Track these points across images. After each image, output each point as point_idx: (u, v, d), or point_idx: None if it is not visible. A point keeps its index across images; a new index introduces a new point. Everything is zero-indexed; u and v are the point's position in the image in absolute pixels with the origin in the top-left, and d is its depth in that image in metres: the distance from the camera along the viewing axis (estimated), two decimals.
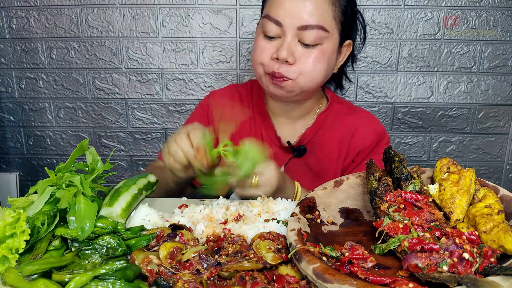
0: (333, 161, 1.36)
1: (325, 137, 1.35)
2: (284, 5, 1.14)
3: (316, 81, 1.20)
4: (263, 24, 1.19)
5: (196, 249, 0.85)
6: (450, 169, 0.92)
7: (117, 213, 0.96)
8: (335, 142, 1.36)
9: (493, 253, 0.72)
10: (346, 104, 1.43)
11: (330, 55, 1.20)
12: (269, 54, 1.18)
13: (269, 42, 1.18)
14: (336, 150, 1.36)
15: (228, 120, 1.42)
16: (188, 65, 1.93)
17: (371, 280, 0.69)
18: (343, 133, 1.36)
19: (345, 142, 1.36)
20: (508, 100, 1.95)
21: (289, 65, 1.16)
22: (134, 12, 1.87)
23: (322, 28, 1.14)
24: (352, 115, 1.39)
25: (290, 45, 1.15)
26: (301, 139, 1.35)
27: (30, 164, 2.11)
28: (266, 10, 1.20)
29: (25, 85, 1.98)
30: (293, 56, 1.15)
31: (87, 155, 1.03)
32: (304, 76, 1.17)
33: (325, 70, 1.21)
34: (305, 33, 1.14)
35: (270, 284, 0.77)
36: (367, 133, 1.35)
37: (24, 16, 1.89)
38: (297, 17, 1.13)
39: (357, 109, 1.44)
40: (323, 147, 1.35)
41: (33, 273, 0.76)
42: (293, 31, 1.14)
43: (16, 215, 0.84)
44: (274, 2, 1.17)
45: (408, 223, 0.81)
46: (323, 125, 1.36)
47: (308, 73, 1.17)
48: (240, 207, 1.08)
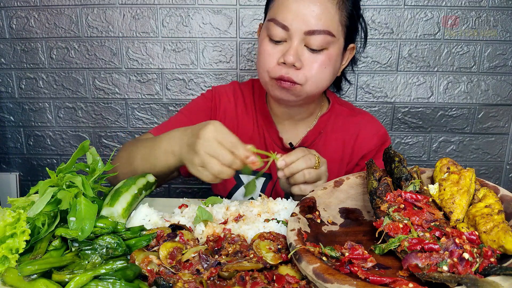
0: (336, 163, 1.35)
1: (327, 139, 1.35)
2: (291, 9, 1.12)
3: (322, 86, 1.20)
4: (268, 27, 1.17)
5: (196, 249, 0.85)
6: (450, 169, 0.92)
7: (118, 213, 0.96)
8: (338, 144, 1.36)
9: (493, 253, 0.72)
10: (348, 106, 1.43)
11: (335, 59, 1.19)
12: (275, 58, 1.16)
13: (275, 46, 1.17)
14: (339, 152, 1.36)
15: (232, 117, 1.41)
16: (188, 65, 1.93)
17: (371, 280, 0.69)
18: (346, 135, 1.36)
19: (348, 144, 1.36)
20: (508, 100, 1.95)
21: (296, 70, 1.14)
22: (134, 12, 1.87)
23: (329, 33, 1.13)
24: (354, 117, 1.38)
25: (297, 49, 1.13)
26: (303, 141, 1.34)
27: (30, 164, 2.11)
28: (271, 14, 1.18)
29: (25, 85, 1.98)
30: (300, 61, 1.14)
31: (88, 155, 1.03)
32: (311, 82, 1.16)
33: (331, 75, 1.20)
34: (312, 38, 1.12)
35: (270, 284, 0.77)
36: (370, 137, 1.35)
37: (24, 16, 1.89)
38: (305, 22, 1.11)
39: (359, 110, 1.44)
40: (325, 149, 1.34)
41: (33, 273, 0.76)
42: (300, 35, 1.13)
43: (16, 215, 0.84)
44: (281, 6, 1.15)
45: (408, 223, 0.81)
46: (325, 127, 1.35)
47: (314, 78, 1.16)
48: (240, 207, 1.08)
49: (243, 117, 1.41)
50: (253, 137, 1.39)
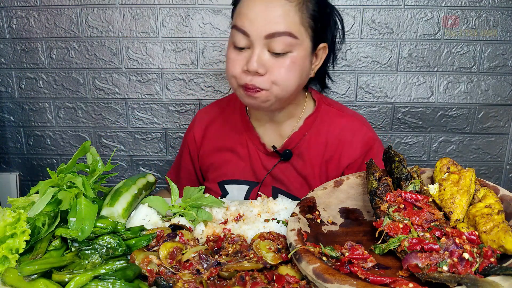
0: (317, 167, 1.33)
1: (312, 140, 1.33)
2: (250, 15, 1.11)
3: (290, 89, 1.17)
4: (232, 35, 1.17)
5: (196, 249, 0.85)
6: (450, 169, 0.92)
7: (118, 213, 0.96)
8: (321, 147, 1.33)
9: (493, 253, 0.72)
10: (336, 106, 1.39)
11: (301, 62, 1.17)
12: (240, 66, 1.15)
13: (239, 53, 1.16)
14: (321, 155, 1.33)
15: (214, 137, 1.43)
16: (188, 65, 1.93)
17: (371, 280, 0.69)
18: (329, 137, 1.32)
19: (330, 146, 1.32)
20: (508, 100, 1.95)
21: (260, 76, 1.13)
22: (134, 12, 1.87)
23: (290, 34, 1.11)
24: (341, 119, 1.34)
25: (260, 55, 1.12)
26: (287, 143, 1.33)
27: (30, 164, 2.11)
28: (233, 20, 1.18)
29: (25, 85, 1.98)
30: (264, 67, 1.12)
31: (88, 156, 1.03)
32: (277, 85, 1.15)
33: (298, 78, 1.18)
34: (273, 41, 1.11)
35: (270, 284, 0.77)
36: (355, 144, 1.31)
37: (24, 16, 1.89)
38: (264, 26, 1.10)
39: (347, 111, 1.39)
40: (310, 151, 1.32)
41: (33, 273, 0.76)
42: (261, 40, 1.11)
43: (16, 215, 0.84)
44: (241, 13, 1.14)
45: (408, 223, 0.81)
46: (311, 129, 1.33)
47: (281, 82, 1.15)
48: (240, 207, 1.08)
49: (222, 130, 1.41)
50: (235, 148, 1.38)
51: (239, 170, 1.38)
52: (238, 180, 1.39)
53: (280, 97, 1.18)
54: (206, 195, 1.07)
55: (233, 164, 1.39)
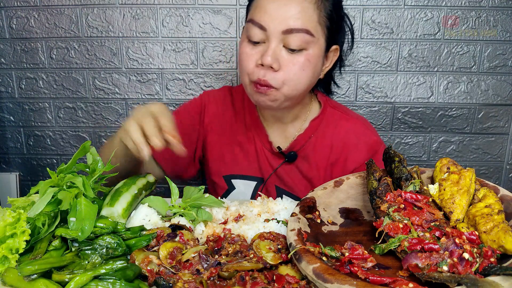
0: (322, 170, 1.33)
1: (318, 143, 1.33)
2: (269, 9, 1.12)
3: (300, 89, 1.18)
4: (247, 29, 1.17)
5: (196, 249, 0.85)
6: (450, 169, 0.92)
7: (119, 213, 0.96)
8: (326, 150, 1.33)
9: (493, 253, 0.72)
10: (340, 109, 1.39)
11: (315, 61, 1.17)
12: (254, 60, 1.15)
13: (253, 47, 1.16)
14: (327, 157, 1.33)
15: (221, 123, 1.41)
16: (188, 65, 1.93)
17: (371, 280, 0.69)
18: (335, 140, 1.33)
19: (335, 149, 1.32)
20: (508, 100, 1.95)
21: (274, 72, 1.13)
22: (134, 12, 1.87)
23: (307, 31, 1.12)
24: (346, 122, 1.35)
25: (275, 50, 1.12)
26: (292, 145, 1.33)
27: (30, 164, 2.11)
28: (250, 15, 1.18)
29: (25, 85, 1.98)
30: (278, 62, 1.12)
31: (88, 155, 1.03)
32: (287, 85, 1.15)
33: (310, 78, 1.18)
34: (290, 37, 1.11)
35: (270, 284, 0.77)
36: (361, 148, 1.31)
37: (24, 16, 1.89)
38: (282, 21, 1.11)
39: (352, 115, 1.40)
40: (316, 154, 1.33)
41: (33, 273, 0.76)
42: (278, 35, 1.12)
43: (16, 215, 0.84)
44: (258, 7, 1.14)
45: (408, 223, 0.81)
46: (316, 131, 1.33)
47: (292, 81, 1.15)
48: (240, 207, 1.08)
49: (232, 123, 1.40)
50: (243, 143, 1.38)
51: (247, 166, 1.38)
52: (245, 175, 1.38)
53: (290, 97, 1.18)
54: (206, 195, 1.07)
55: (240, 159, 1.38)
